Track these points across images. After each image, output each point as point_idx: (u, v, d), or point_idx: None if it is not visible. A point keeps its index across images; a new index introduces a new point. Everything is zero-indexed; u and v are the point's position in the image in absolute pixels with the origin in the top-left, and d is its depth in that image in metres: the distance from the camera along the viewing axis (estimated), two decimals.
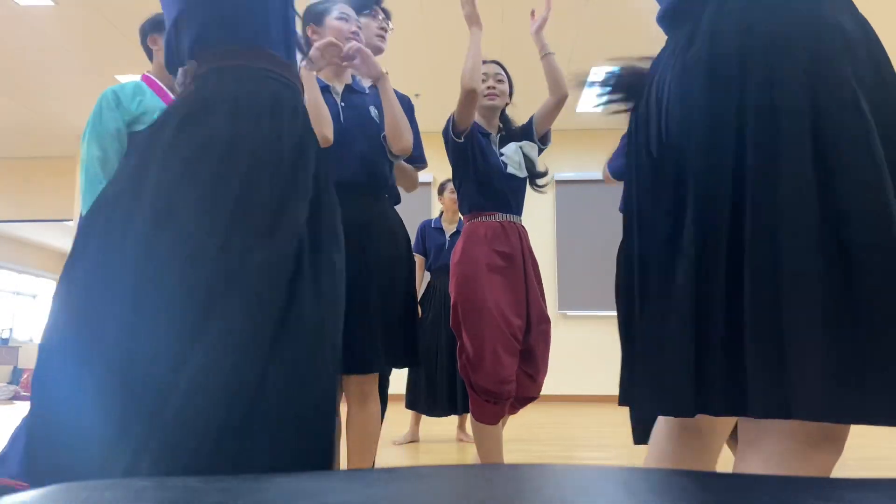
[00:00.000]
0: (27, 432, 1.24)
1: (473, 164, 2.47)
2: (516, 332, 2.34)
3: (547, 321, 2.48)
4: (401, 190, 2.38)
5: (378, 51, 2.23)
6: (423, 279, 4.08)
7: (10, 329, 12.35)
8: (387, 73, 2.08)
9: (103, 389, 1.18)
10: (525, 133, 2.60)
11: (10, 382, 9.90)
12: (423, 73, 6.24)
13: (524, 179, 2.54)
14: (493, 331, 2.30)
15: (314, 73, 1.97)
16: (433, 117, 7.18)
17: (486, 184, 2.48)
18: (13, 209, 8.97)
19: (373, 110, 2.15)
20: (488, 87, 2.56)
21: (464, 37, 2.31)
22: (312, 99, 1.91)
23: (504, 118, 2.64)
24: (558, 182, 7.55)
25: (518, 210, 2.54)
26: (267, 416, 1.18)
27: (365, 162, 2.09)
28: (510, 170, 2.49)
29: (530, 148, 2.55)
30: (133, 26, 5.58)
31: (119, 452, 1.13)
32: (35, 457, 1.24)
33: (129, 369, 1.17)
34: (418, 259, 4.17)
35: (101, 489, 0.46)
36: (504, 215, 2.48)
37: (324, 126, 1.93)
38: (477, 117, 2.58)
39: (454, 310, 2.43)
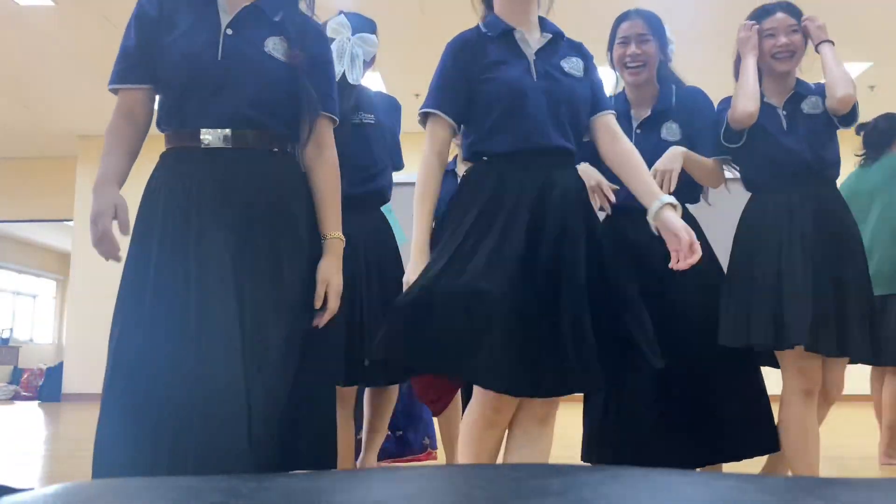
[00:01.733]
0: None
1: None
2: None
3: None
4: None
5: None
6: None
7: (11, 329, 12.35)
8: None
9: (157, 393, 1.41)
10: None
11: (10, 382, 9.90)
12: (423, 73, 6.23)
13: None
14: None
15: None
16: None
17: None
18: (13, 209, 8.97)
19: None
20: None
21: None
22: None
23: None
24: None
25: None
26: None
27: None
28: None
29: None
30: None
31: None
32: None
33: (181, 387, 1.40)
34: None
35: (101, 489, 0.46)
36: None
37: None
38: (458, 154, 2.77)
39: None
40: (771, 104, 2.19)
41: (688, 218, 2.17)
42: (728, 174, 2.27)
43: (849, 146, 3.53)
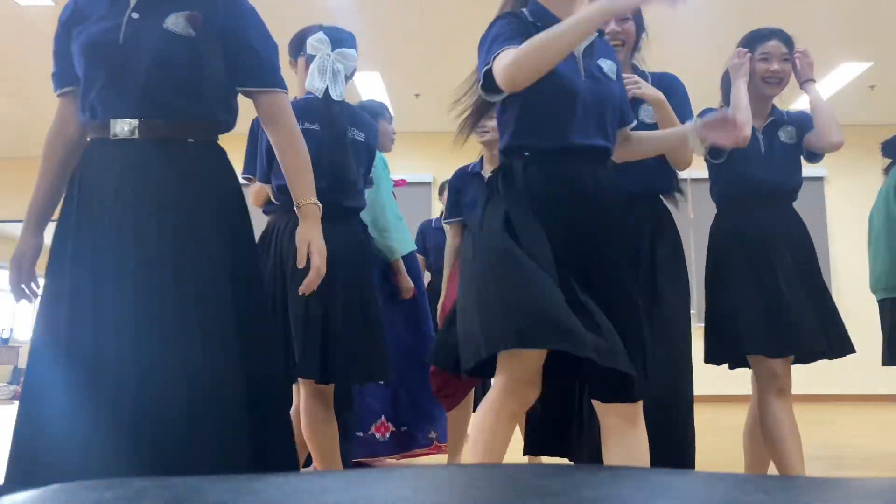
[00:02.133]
0: (13, 433, 1.45)
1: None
2: None
3: None
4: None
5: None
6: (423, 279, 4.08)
7: (11, 329, 12.33)
8: None
9: (78, 391, 1.39)
10: None
11: (10, 382, 9.90)
12: (423, 73, 6.24)
13: None
14: None
15: None
16: (433, 117, 7.17)
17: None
18: (13, 209, 8.95)
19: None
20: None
21: (464, 37, 2.31)
22: None
23: None
24: None
25: None
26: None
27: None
28: None
29: None
30: None
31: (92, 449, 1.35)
32: (16, 455, 1.43)
33: (101, 371, 1.39)
34: (419, 259, 4.18)
35: (101, 489, 0.46)
36: None
37: None
38: (484, 154, 2.87)
39: None
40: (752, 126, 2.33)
41: (661, 211, 2.20)
42: (703, 174, 2.40)
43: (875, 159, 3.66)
